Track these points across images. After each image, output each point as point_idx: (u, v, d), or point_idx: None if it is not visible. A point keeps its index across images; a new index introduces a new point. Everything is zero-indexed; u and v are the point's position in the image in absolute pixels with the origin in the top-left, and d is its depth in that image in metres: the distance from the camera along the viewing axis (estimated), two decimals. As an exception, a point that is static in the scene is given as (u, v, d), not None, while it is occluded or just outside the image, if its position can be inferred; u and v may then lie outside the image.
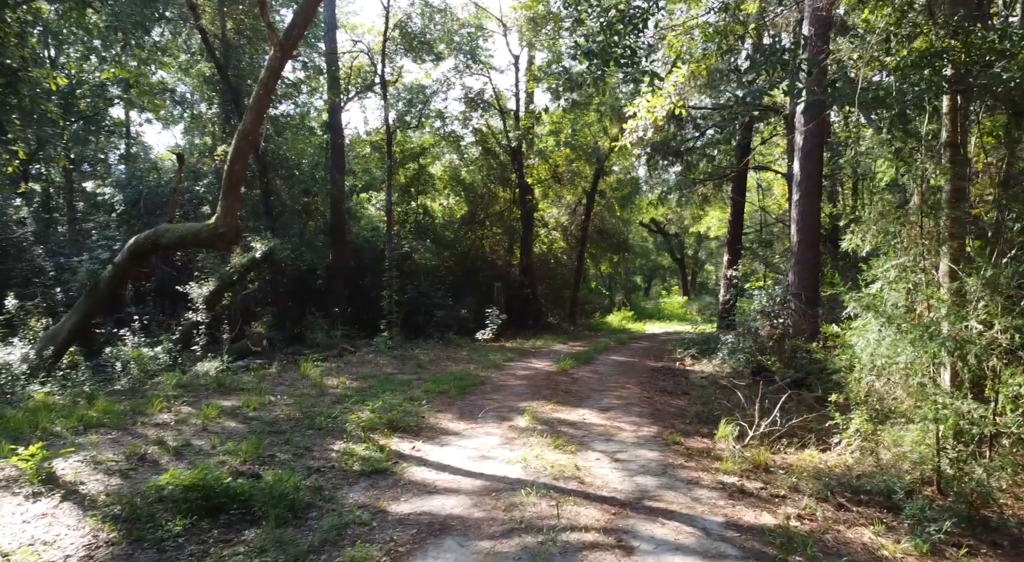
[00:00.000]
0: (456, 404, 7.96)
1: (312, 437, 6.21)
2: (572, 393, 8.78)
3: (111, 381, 8.88)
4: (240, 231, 8.09)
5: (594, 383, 9.72)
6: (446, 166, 20.44)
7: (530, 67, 19.09)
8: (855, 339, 4.92)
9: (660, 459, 5.67)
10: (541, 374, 10.46)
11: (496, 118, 19.22)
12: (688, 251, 36.21)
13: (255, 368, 10.04)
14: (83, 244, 14.06)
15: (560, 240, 21.46)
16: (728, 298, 14.56)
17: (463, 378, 9.58)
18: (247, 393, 7.99)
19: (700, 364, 11.87)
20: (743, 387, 9.50)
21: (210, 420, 6.57)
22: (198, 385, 8.38)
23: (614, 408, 7.86)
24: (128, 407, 6.95)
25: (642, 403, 8.24)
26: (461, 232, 19.12)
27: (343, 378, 9.27)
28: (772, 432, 6.25)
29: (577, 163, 18.39)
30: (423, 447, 6.03)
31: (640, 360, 12.65)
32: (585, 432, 6.64)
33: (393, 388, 8.64)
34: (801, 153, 9.36)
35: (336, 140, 16.39)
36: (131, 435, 5.98)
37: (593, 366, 11.66)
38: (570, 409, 7.75)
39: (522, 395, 8.57)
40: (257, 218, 14.96)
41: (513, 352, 13.36)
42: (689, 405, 8.15)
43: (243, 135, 7.43)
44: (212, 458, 5.38)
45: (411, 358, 11.87)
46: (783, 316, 9.54)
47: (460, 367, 11.04)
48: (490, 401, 8.15)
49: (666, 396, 8.85)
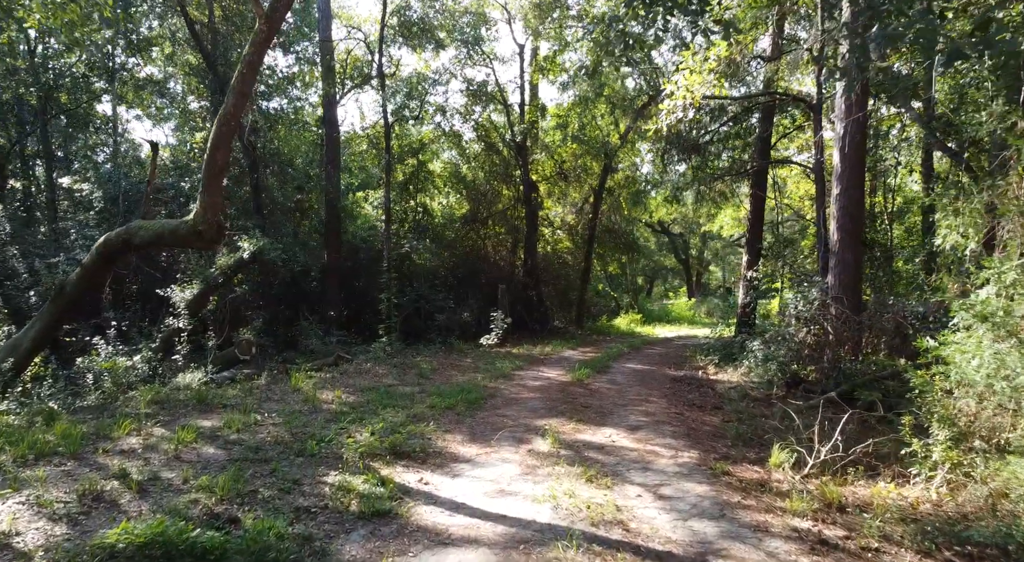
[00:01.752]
0: (466, 422, 7.10)
1: (302, 466, 5.35)
2: (593, 408, 7.92)
3: (81, 396, 7.99)
4: (223, 228, 7.22)
5: (614, 396, 8.87)
6: (446, 162, 19.55)
7: (535, 58, 18.24)
8: (956, 354, 4.07)
9: (712, 495, 4.82)
10: (555, 385, 9.60)
11: (499, 113, 18.34)
12: (692, 251, 35.38)
13: (242, 379, 9.16)
14: (61, 244, 13.15)
15: (566, 240, 20.59)
16: (748, 301, 13.73)
17: (471, 390, 8.72)
18: (230, 410, 7.11)
19: (724, 372, 11.03)
20: (777, 400, 8.69)
21: (185, 445, 5.70)
22: (176, 401, 7.49)
23: (643, 427, 7.00)
24: (92, 429, 6.06)
25: (672, 420, 7.38)
26: (462, 232, 18.24)
27: (338, 391, 8.39)
28: (834, 459, 5.41)
29: (585, 159, 17.53)
30: (432, 479, 5.17)
31: (658, 368, 11.79)
32: (617, 458, 5.78)
33: (394, 403, 7.77)
34: (842, 142, 8.53)
35: (331, 134, 15.50)
36: (89, 466, 5.10)
37: (609, 375, 10.81)
38: (594, 428, 6.90)
39: (538, 411, 7.71)
40: (247, 216, 14.06)
41: (521, 359, 12.50)
42: (725, 423, 7.30)
43: (225, 120, 6.56)
44: (182, 496, 4.52)
45: (412, 367, 11.00)
46: (822, 322, 8.70)
47: (466, 377, 10.17)
48: (503, 419, 7.29)
49: (696, 411, 8.00)
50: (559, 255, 20.58)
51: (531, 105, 17.91)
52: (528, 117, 17.49)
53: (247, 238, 10.25)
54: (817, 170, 11.79)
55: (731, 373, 10.82)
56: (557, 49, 16.60)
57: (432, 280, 16.88)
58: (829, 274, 8.91)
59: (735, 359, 11.57)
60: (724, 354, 12.31)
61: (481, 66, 17.21)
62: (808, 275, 12.55)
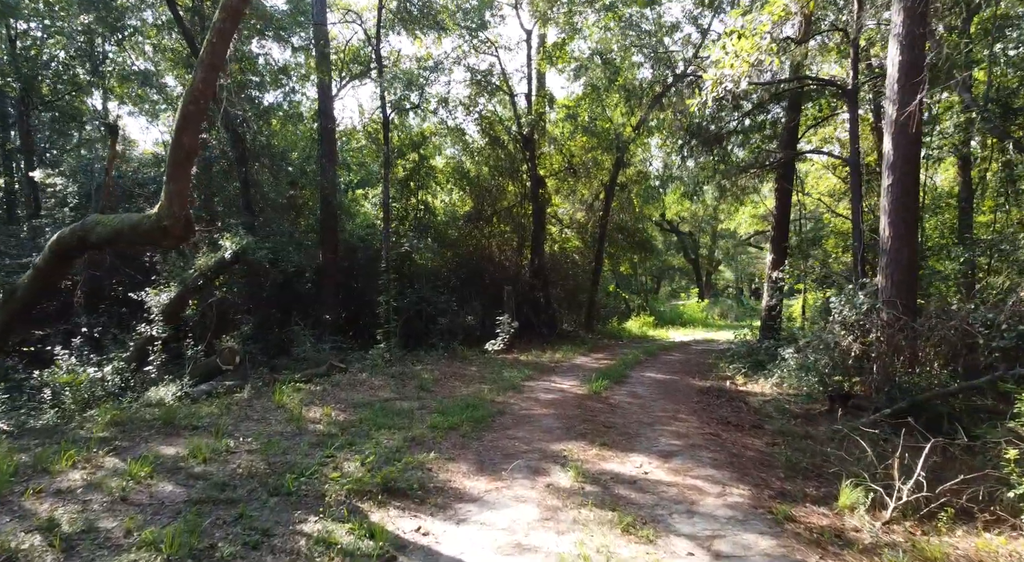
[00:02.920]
0: (472, 447, 6.15)
1: (276, 510, 4.42)
2: (616, 428, 6.97)
3: (37, 414, 7.06)
4: (191, 223, 6.28)
5: (638, 412, 7.91)
6: (449, 158, 18.58)
7: (543, 45, 17.26)
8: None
9: (782, 553, 3.86)
10: (570, 399, 8.65)
11: (504, 105, 17.38)
12: (703, 251, 34.37)
13: (222, 393, 8.22)
14: (36, 243, 12.25)
15: (575, 238, 19.58)
16: (774, 303, 12.76)
17: (477, 406, 7.78)
18: (200, 433, 6.18)
19: (754, 383, 10.08)
20: (821, 416, 7.74)
21: (137, 482, 4.77)
22: (140, 421, 6.56)
23: (677, 453, 6.05)
24: (30, 460, 5.13)
25: (709, 443, 6.43)
26: (466, 230, 17.25)
27: (328, 408, 7.45)
28: (917, 500, 4.46)
29: (595, 152, 16.52)
30: (432, 526, 4.23)
31: (681, 377, 10.83)
32: (654, 496, 4.83)
33: (390, 423, 6.83)
34: (894, 127, 7.55)
35: (327, 126, 14.56)
36: (11, 513, 4.17)
37: (629, 386, 9.85)
38: (621, 455, 5.95)
39: (554, 432, 6.76)
40: (237, 214, 13.13)
41: (530, 367, 11.55)
42: (771, 446, 6.35)
43: (193, 97, 5.64)
44: (118, 558, 3.59)
45: (412, 377, 10.06)
46: (872, 328, 7.73)
47: (471, 389, 9.23)
48: (515, 442, 6.35)
49: (733, 431, 7.04)
50: (567, 254, 19.59)
51: (538, 96, 16.91)
52: (535, 108, 16.51)
53: (229, 236, 9.31)
54: (853, 160, 10.81)
55: (762, 384, 9.86)
56: (566, 36, 15.66)
57: (434, 281, 15.94)
58: (879, 274, 7.94)
59: (764, 368, 10.62)
60: (751, 362, 11.35)
61: (485, 54, 16.26)
62: (842, 275, 11.58)
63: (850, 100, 10.85)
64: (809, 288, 14.73)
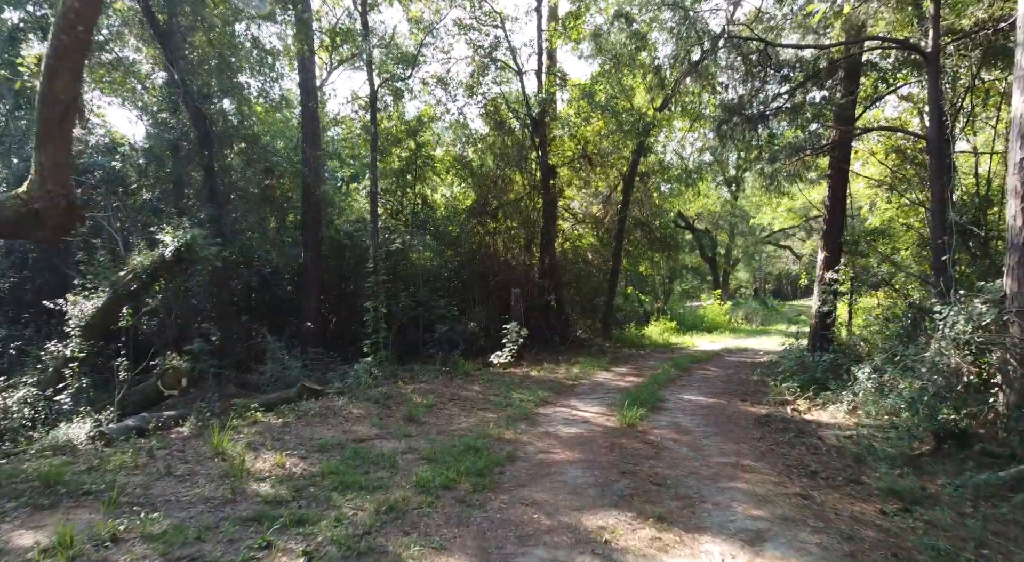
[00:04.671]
0: (472, 524, 4.33)
1: None
2: (668, 486, 5.13)
3: None
4: (76, 207, 4.49)
5: (690, 457, 6.07)
6: (449, 144, 16.76)
7: (554, 17, 15.42)
8: None
9: None
10: (599, 435, 6.83)
11: (511, 84, 15.55)
12: (720, 249, 32.43)
13: (154, 429, 6.44)
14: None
15: (589, 235, 17.71)
16: (827, 309, 10.91)
17: (479, 448, 5.98)
18: (87, 505, 4.39)
19: (820, 408, 8.23)
20: (924, 460, 5.92)
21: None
22: (19, 479, 4.77)
23: (766, 534, 4.21)
24: None
25: (803, 514, 4.58)
26: (468, 226, 15.44)
27: (281, 455, 5.63)
28: None
29: (614, 137, 14.65)
30: None
31: (728, 401, 8.98)
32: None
33: (361, 480, 5.03)
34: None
35: (308, 105, 12.78)
36: None
37: (668, 415, 8.01)
38: (687, 538, 4.12)
39: (585, 494, 4.94)
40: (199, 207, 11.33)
41: (544, 387, 9.73)
42: (889, 518, 4.50)
43: (67, 23, 3.86)
44: None
45: (401, 401, 8.27)
46: (997, 349, 5.88)
47: (473, 420, 7.43)
48: (533, 512, 4.52)
49: (825, 488, 5.19)
50: (581, 253, 17.72)
51: (549, 73, 15.06)
52: (546, 87, 14.67)
53: (170, 230, 7.53)
54: (934, 136, 8.95)
55: (832, 411, 8.01)
56: (581, 5, 13.83)
57: (432, 283, 14.16)
58: (1005, 276, 6.10)
59: (827, 388, 8.78)
60: (806, 379, 9.50)
61: (490, 27, 14.43)
62: (918, 277, 9.73)
63: (931, 65, 8.99)
64: (859, 290, 12.81)
